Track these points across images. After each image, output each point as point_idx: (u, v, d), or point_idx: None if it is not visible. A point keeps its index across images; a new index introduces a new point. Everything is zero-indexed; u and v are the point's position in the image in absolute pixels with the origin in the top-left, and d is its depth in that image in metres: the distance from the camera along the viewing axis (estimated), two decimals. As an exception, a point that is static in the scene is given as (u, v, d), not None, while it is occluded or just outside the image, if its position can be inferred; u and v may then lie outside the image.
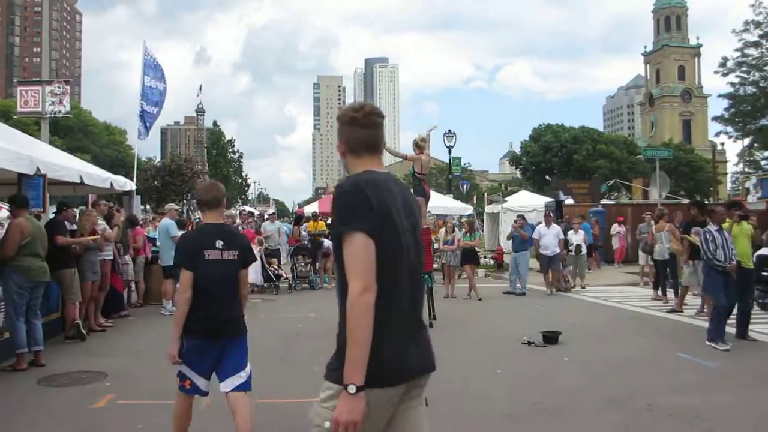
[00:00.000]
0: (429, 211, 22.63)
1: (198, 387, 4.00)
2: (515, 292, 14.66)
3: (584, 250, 15.81)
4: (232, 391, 3.92)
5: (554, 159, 65.92)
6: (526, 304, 13.11)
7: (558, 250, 14.69)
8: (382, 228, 2.18)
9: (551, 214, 16.13)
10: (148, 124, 16.04)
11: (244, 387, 3.96)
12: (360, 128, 2.48)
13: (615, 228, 21.48)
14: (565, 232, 15.58)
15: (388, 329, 2.16)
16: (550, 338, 8.67)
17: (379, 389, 2.12)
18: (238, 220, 18.40)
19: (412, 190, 10.30)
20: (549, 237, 14.74)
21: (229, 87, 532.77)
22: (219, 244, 4.06)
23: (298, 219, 18.84)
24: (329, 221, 20.72)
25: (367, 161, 2.44)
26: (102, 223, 10.25)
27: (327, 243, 16.72)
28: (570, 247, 15.53)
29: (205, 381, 4.01)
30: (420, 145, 10.23)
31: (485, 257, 22.10)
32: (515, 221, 15.59)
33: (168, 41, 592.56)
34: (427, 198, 10.27)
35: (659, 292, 13.26)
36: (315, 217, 20.24)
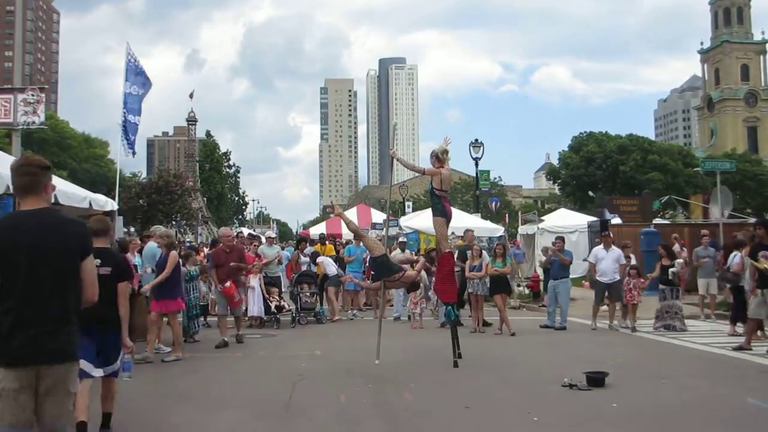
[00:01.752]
0: (452, 233, 22.67)
1: (83, 371, 5.92)
2: (554, 326, 14.55)
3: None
4: (107, 376, 6.40)
5: (598, 172, 65.84)
6: (568, 340, 13.01)
7: (617, 277, 14.56)
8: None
9: (611, 235, 16.02)
10: (132, 138, 16.25)
11: (114, 374, 6.44)
12: (18, 176, 3.93)
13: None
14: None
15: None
16: (596, 380, 8.58)
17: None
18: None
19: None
20: (608, 261, 14.60)
21: (224, 93, 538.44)
22: (97, 262, 5.82)
23: (300, 242, 18.96)
24: (342, 243, 20.85)
25: (25, 202, 3.92)
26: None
27: (332, 269, 16.76)
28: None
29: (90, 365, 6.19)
30: (440, 158, 10.26)
31: (519, 286, 21.98)
32: (553, 244, 15.52)
33: (157, 43, 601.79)
34: (448, 218, 10.29)
35: (736, 327, 13.09)
36: (322, 239, 20.37)
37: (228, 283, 12.20)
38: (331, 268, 16.79)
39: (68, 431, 3.95)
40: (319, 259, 16.88)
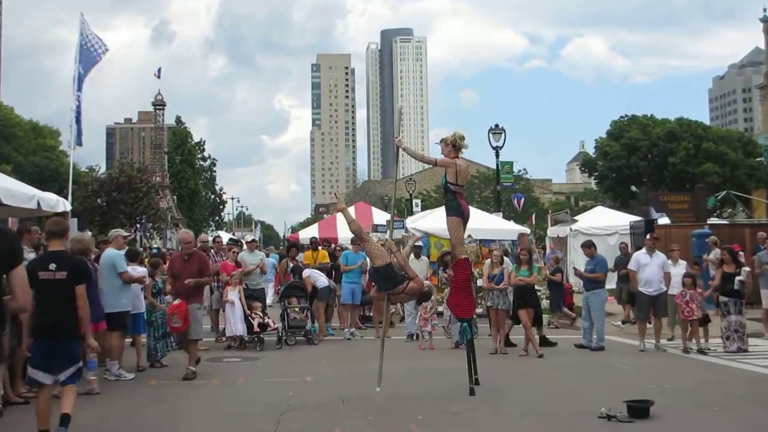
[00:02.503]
0: (469, 236, 22.69)
1: (34, 379, 7.06)
2: (590, 346, 14.57)
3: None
4: (64, 381, 7.12)
5: (642, 163, 65.81)
6: (606, 363, 13.02)
7: (664, 287, 14.57)
8: None
9: (656, 238, 16.00)
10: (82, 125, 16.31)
11: (71, 381, 7.18)
12: None
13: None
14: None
15: None
16: (639, 410, 8.58)
17: None
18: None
19: (445, 205, 10.39)
20: (652, 269, 14.57)
21: (198, 72, 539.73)
22: (52, 266, 7.17)
23: (291, 248, 19.00)
24: (335, 248, 20.85)
25: None
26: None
27: (322, 281, 16.77)
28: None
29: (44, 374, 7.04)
30: (457, 145, 10.26)
31: (548, 298, 21.96)
32: (587, 248, 15.52)
33: (117, 13, 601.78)
34: (464, 218, 10.29)
35: None
36: (314, 244, 20.39)
37: (177, 300, 11.64)
38: (322, 279, 16.81)
39: None
40: (306, 273, 16.85)
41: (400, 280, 9.99)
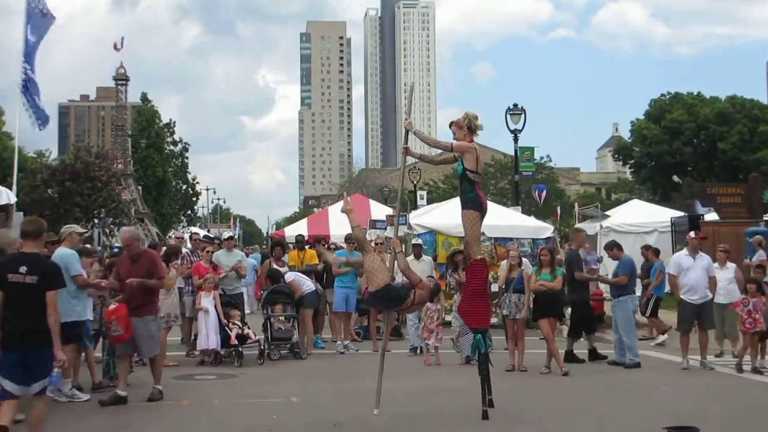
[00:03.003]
0: (482, 234, 22.65)
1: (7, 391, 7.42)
2: (624, 363, 14.61)
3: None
4: (34, 395, 7.65)
5: (687, 149, 65.86)
6: (643, 383, 13.02)
7: (710, 295, 14.58)
8: None
9: (704, 237, 15.95)
10: (37, 102, 16.28)
11: (43, 392, 7.77)
12: None
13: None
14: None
15: None
16: (680, 437, 8.58)
17: None
18: (186, 248, 18.54)
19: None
20: (696, 272, 14.55)
21: (168, 42, 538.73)
22: (23, 269, 7.67)
23: (275, 247, 18.96)
24: (328, 247, 20.82)
25: None
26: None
27: (307, 284, 16.76)
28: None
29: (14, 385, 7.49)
30: (472, 127, 10.26)
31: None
32: (610, 250, 15.57)
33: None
34: (482, 212, 10.26)
35: None
36: (300, 243, 20.39)
37: (113, 305, 11.33)
38: (307, 284, 16.79)
39: None
40: (288, 276, 16.83)
41: (404, 294, 9.95)
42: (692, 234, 15.42)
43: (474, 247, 10.37)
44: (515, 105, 30.85)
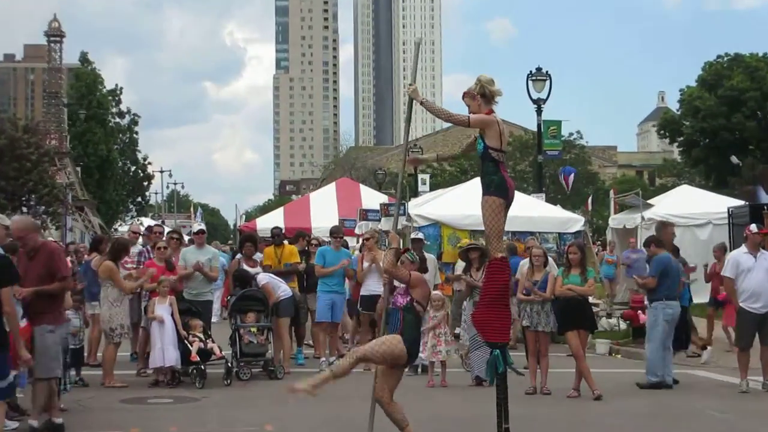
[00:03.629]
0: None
1: None
2: (663, 383, 14.72)
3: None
4: None
5: (749, 123, 65.72)
6: (692, 408, 13.08)
7: None
8: None
9: (761, 232, 15.96)
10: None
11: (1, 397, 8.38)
12: None
13: None
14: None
15: None
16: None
17: None
18: (138, 246, 18.53)
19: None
20: (759, 275, 14.54)
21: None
22: None
23: (245, 242, 18.89)
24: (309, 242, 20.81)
25: None
26: None
27: (283, 288, 16.75)
28: None
29: None
30: (487, 94, 10.23)
31: (609, 316, 22.07)
32: (648, 247, 15.60)
33: None
34: (509, 199, 10.20)
35: None
36: (278, 238, 20.29)
37: (24, 322, 10.77)
38: (283, 287, 16.77)
39: None
40: (262, 279, 16.78)
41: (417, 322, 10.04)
42: (753, 228, 15.43)
43: (495, 242, 10.25)
44: (539, 69, 30.86)
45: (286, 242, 19.67)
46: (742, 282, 14.59)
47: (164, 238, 17.89)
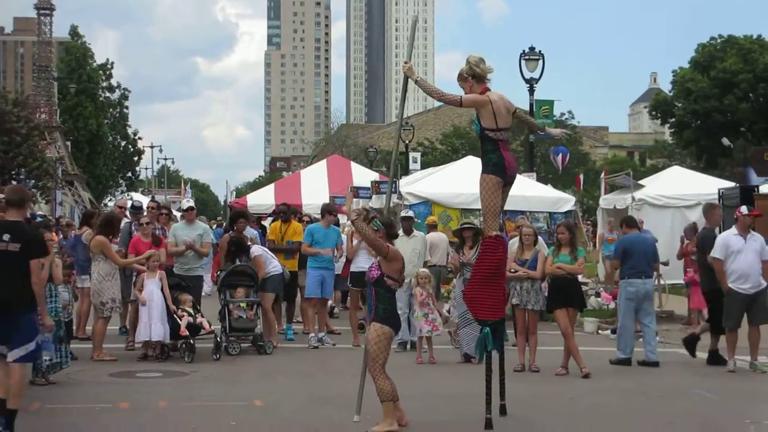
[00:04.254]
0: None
1: None
2: (630, 360, 15.00)
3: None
4: (13, 361, 9.02)
5: (742, 105, 65.68)
6: (681, 388, 13.12)
7: (764, 283, 14.63)
8: None
9: (757, 213, 15.95)
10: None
11: (24, 359, 9.17)
12: None
13: None
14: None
15: None
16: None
17: None
18: (124, 221, 18.46)
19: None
20: (748, 257, 14.61)
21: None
22: (6, 237, 9.15)
23: (236, 218, 18.74)
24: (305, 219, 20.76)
25: None
26: None
27: (274, 264, 16.74)
28: None
29: None
30: (476, 73, 10.21)
31: (597, 295, 22.11)
32: (620, 228, 15.68)
33: None
34: (507, 176, 10.13)
35: None
36: (285, 215, 20.14)
37: None
38: (274, 263, 16.77)
39: None
40: (255, 251, 16.76)
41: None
42: (744, 209, 15.43)
43: (490, 220, 10.24)
44: (531, 49, 30.81)
45: (293, 219, 19.58)
46: (731, 263, 14.60)
47: (145, 213, 17.92)
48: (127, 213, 19.52)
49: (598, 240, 23.67)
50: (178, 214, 23.29)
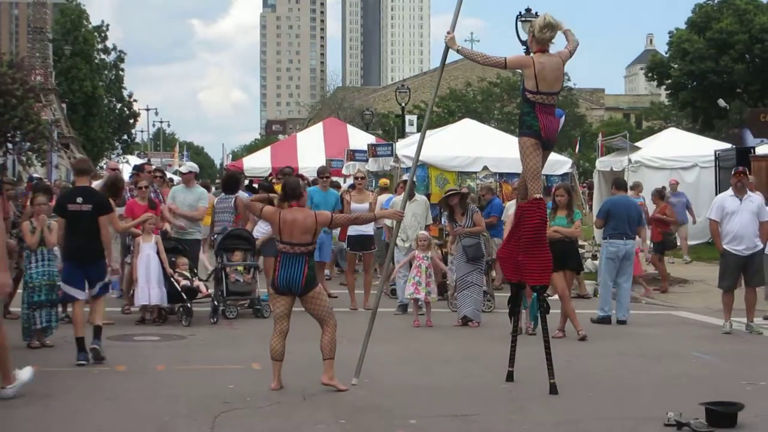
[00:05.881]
0: (484, 168, 22.62)
1: (70, 295, 11.83)
2: (610, 317, 15.41)
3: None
4: (94, 296, 11.80)
5: (737, 66, 65.37)
6: (677, 350, 13.20)
7: (760, 245, 14.62)
8: None
9: (743, 173, 15.97)
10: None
11: (101, 293, 11.96)
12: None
13: None
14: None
15: None
16: (722, 416, 8.65)
17: None
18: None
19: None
20: (743, 218, 14.59)
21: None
22: (79, 200, 11.73)
23: (230, 183, 18.67)
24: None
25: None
26: None
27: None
28: None
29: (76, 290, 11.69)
30: (537, 38, 10.25)
31: (594, 257, 22.12)
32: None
33: None
34: (544, 140, 10.07)
35: None
36: (288, 177, 20.06)
37: None
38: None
39: None
40: (240, 194, 16.81)
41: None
42: (737, 170, 15.48)
43: (531, 182, 10.20)
44: (528, 10, 30.64)
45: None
46: (726, 224, 14.68)
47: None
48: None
49: (583, 202, 23.74)
50: (175, 178, 23.22)
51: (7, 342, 9.73)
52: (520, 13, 30.56)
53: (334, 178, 22.23)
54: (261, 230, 16.54)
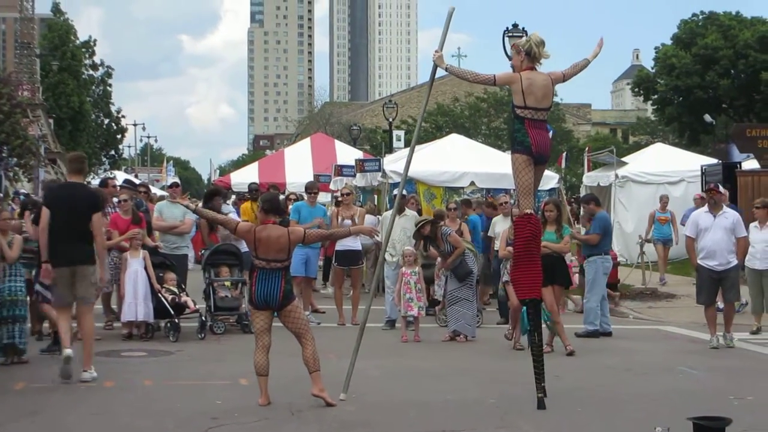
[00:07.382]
0: (471, 183, 22.66)
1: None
2: (599, 331, 15.46)
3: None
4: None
5: (723, 81, 65.72)
6: (665, 365, 13.21)
7: (734, 261, 14.77)
8: None
9: (715, 189, 16.07)
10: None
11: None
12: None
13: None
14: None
15: None
16: (709, 430, 8.67)
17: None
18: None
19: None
20: (716, 234, 14.70)
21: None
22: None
23: (211, 196, 18.59)
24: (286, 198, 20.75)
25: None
26: None
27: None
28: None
29: None
30: (533, 53, 10.34)
31: (582, 272, 22.16)
32: (587, 204, 15.98)
33: None
34: (536, 156, 10.09)
35: None
36: (255, 193, 20.08)
37: None
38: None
39: None
40: (226, 209, 16.85)
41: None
42: (709, 187, 15.82)
43: (522, 199, 10.35)
44: (515, 26, 30.67)
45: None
46: (700, 240, 14.82)
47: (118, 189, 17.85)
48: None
49: (648, 219, 23.64)
50: (160, 193, 23.21)
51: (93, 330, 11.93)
52: (507, 28, 30.63)
53: (323, 194, 22.26)
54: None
